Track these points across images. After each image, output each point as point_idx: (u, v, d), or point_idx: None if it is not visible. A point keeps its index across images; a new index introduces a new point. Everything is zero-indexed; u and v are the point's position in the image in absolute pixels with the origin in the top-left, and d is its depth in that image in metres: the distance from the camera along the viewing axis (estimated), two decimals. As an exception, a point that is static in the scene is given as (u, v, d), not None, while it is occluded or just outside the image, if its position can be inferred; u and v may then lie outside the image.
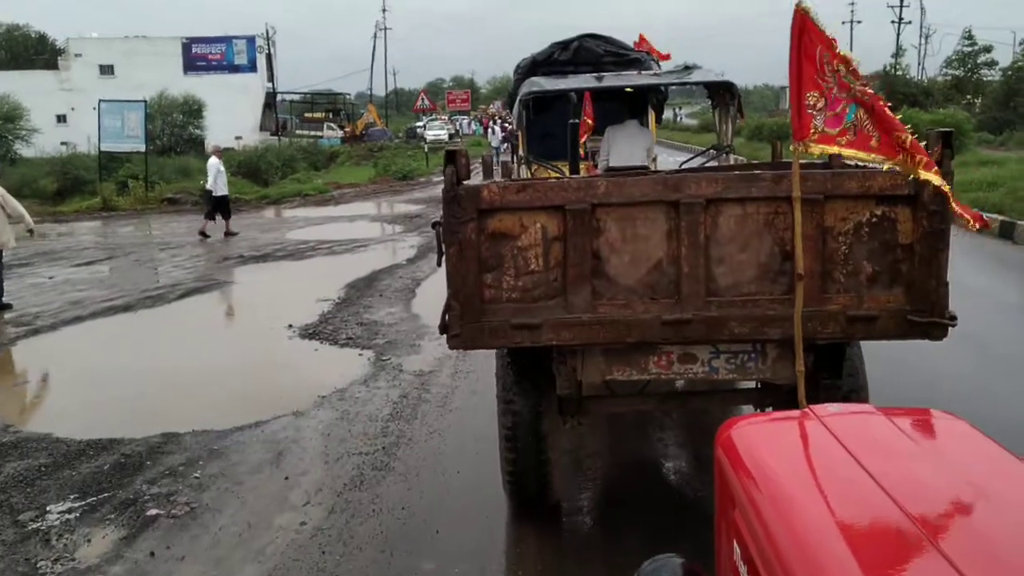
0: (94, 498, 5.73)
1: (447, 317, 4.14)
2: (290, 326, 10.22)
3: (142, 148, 26.96)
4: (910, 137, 3.39)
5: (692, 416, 6.72)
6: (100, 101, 27.80)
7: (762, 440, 2.40)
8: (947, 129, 3.91)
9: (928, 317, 3.93)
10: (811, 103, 3.64)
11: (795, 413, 2.58)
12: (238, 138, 44.84)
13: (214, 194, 18.61)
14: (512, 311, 4.09)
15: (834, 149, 3.63)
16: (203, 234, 18.40)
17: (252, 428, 6.92)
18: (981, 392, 6.86)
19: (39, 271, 14.98)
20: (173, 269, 14.92)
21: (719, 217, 3.98)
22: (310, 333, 9.98)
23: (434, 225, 4.35)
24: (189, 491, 5.77)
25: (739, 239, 4.00)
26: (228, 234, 18.66)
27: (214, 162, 19.02)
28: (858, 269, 3.98)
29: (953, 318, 3.95)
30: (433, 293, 11.44)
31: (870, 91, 3.51)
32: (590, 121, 8.47)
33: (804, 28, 3.62)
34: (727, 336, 4.07)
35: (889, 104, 3.56)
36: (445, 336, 4.21)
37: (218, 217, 18.86)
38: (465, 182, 4.09)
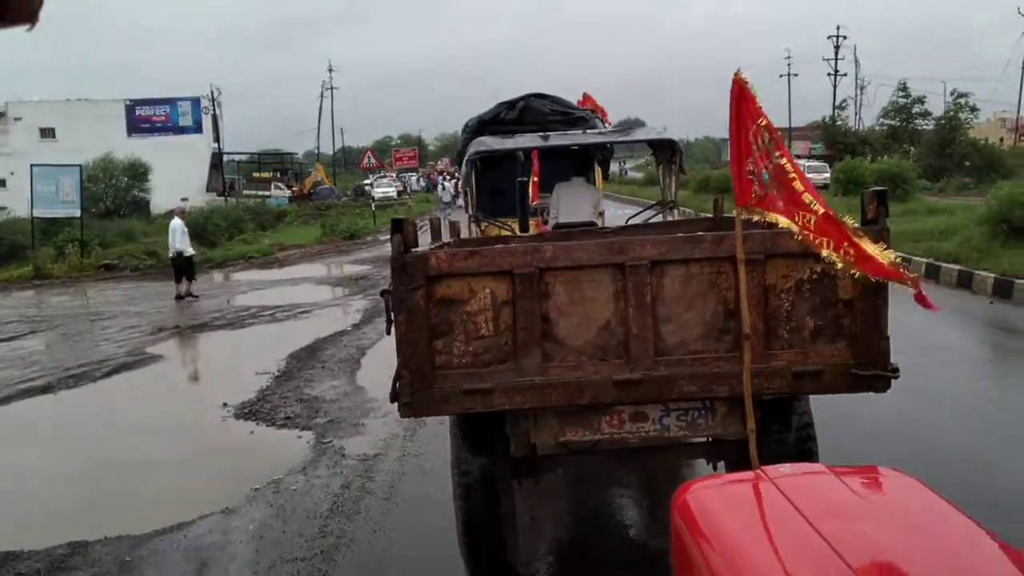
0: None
1: (398, 385, 4.08)
2: (225, 405, 9.46)
3: (77, 213, 26.05)
4: (815, 217, 3.33)
5: (649, 471, 6.51)
6: (32, 166, 26.96)
7: (717, 504, 2.45)
8: (880, 188, 4.04)
9: (871, 370, 3.98)
10: (750, 168, 3.70)
11: (748, 475, 2.64)
12: (184, 199, 44.12)
13: (183, 255, 18.23)
14: (463, 376, 4.07)
15: (773, 217, 3.62)
16: (180, 297, 18.08)
17: (174, 532, 6.15)
18: (955, 452, 6.40)
19: (-44, 349, 14.00)
20: (103, 343, 14.02)
21: (664, 278, 4.05)
22: (246, 413, 9.23)
23: (383, 293, 4.30)
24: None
25: (684, 299, 4.06)
26: (187, 295, 18.19)
27: (178, 223, 18.58)
28: (801, 325, 4.04)
29: (896, 370, 4.00)
30: (379, 362, 10.82)
31: (788, 167, 3.48)
32: (536, 179, 8.53)
33: (742, 97, 3.69)
34: (677, 394, 4.11)
35: (798, 188, 3.47)
36: (396, 405, 4.14)
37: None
38: (413, 249, 4.11)
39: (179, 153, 52.69)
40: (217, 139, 58.05)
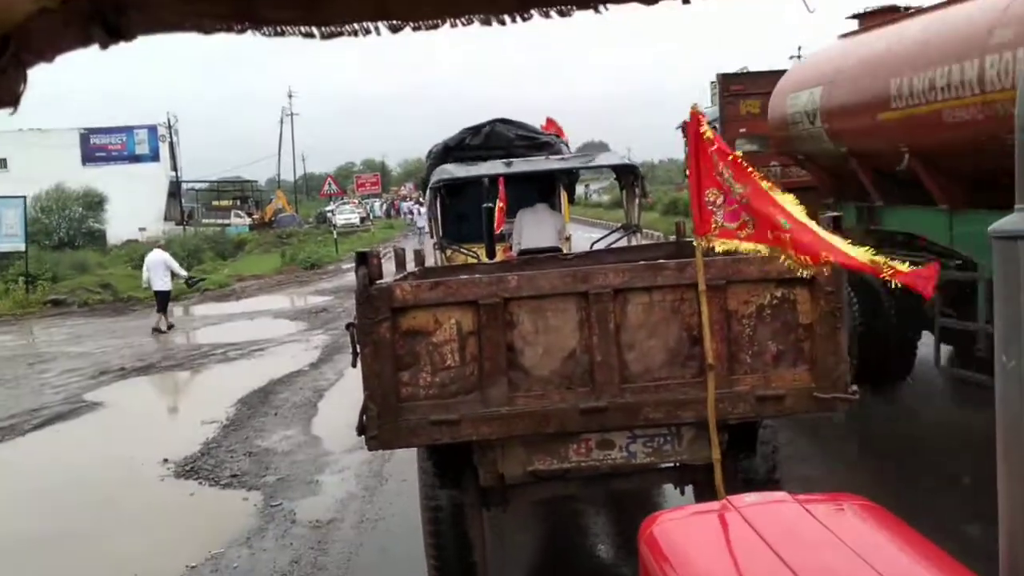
0: None
1: (364, 418, 4.07)
2: (165, 461, 8.56)
3: (22, 247, 24.84)
4: (789, 236, 3.38)
5: (617, 496, 6.32)
6: (-27, 200, 25.69)
7: (684, 535, 2.53)
8: (836, 214, 4.22)
9: (832, 393, 4.05)
10: (710, 199, 3.73)
11: (714, 505, 2.69)
12: (142, 229, 43.49)
13: (153, 288, 17.74)
14: (430, 408, 4.09)
15: (734, 244, 3.68)
16: (160, 328, 17.59)
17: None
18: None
19: None
20: (40, 388, 12.95)
21: (628, 305, 4.10)
22: (187, 470, 8.33)
23: (348, 326, 4.41)
24: None
25: (648, 326, 4.12)
26: (157, 329, 17.65)
27: (158, 257, 17.94)
28: (763, 350, 4.11)
29: (855, 392, 4.08)
30: (337, 407, 10.03)
31: (757, 186, 3.54)
32: (502, 204, 8.82)
33: (699, 130, 3.72)
34: (642, 421, 4.15)
35: (775, 200, 3.53)
36: (363, 438, 4.14)
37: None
38: (378, 281, 4.13)
39: (136, 182, 51.14)
40: (175, 167, 57.06)
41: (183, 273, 18.27)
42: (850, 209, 8.93)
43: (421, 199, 27.67)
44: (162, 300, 17.89)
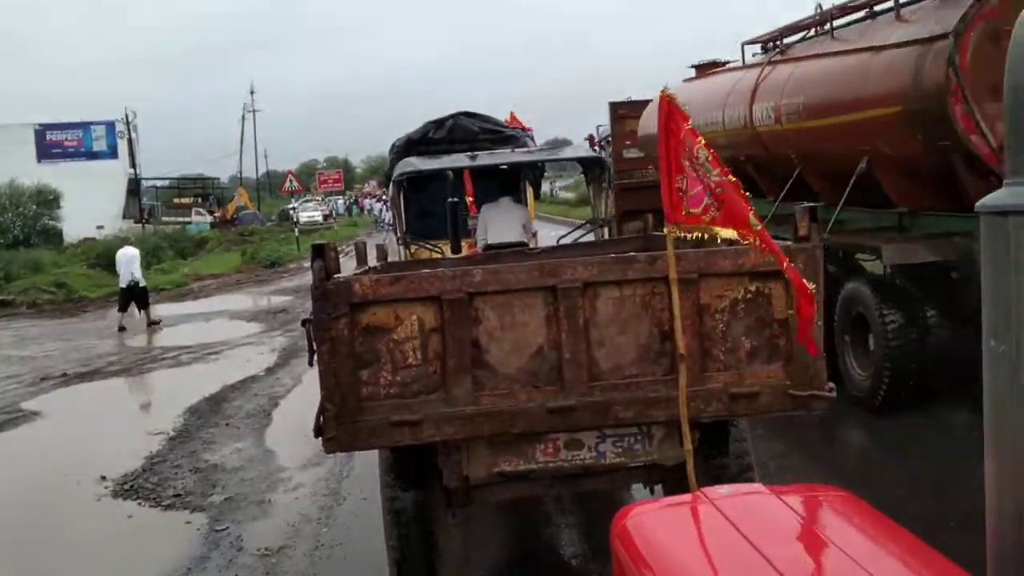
0: None
1: (321, 419, 3.93)
2: (103, 478, 7.85)
3: (-33, 245, 23.84)
4: (756, 238, 3.38)
5: (586, 495, 5.97)
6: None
7: (657, 528, 2.46)
8: (811, 204, 4.09)
9: (808, 390, 3.96)
10: (680, 186, 3.65)
11: (687, 498, 2.69)
12: (100, 227, 42.54)
13: (121, 284, 17.68)
14: (391, 408, 3.96)
15: (700, 229, 3.62)
16: (124, 328, 17.18)
17: None
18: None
19: None
20: (-25, 397, 12.12)
21: (597, 300, 3.97)
22: (126, 489, 7.62)
23: (304, 323, 4.24)
24: None
25: (618, 321, 3.99)
26: (151, 324, 17.73)
27: (130, 253, 17.87)
28: (737, 346, 4.01)
29: (832, 389, 4.01)
30: (294, 416, 9.38)
31: (729, 180, 3.48)
32: (471, 198, 8.79)
33: (670, 114, 3.65)
34: (612, 421, 4.04)
35: (747, 195, 3.55)
36: (320, 440, 4.00)
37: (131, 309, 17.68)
38: (336, 275, 4.00)
39: (93, 179, 50.27)
40: (134, 164, 55.94)
41: (139, 278, 17.86)
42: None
43: (385, 195, 27.06)
44: (141, 295, 17.78)
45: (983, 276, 1.75)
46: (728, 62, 12.27)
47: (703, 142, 3.56)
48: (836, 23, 9.03)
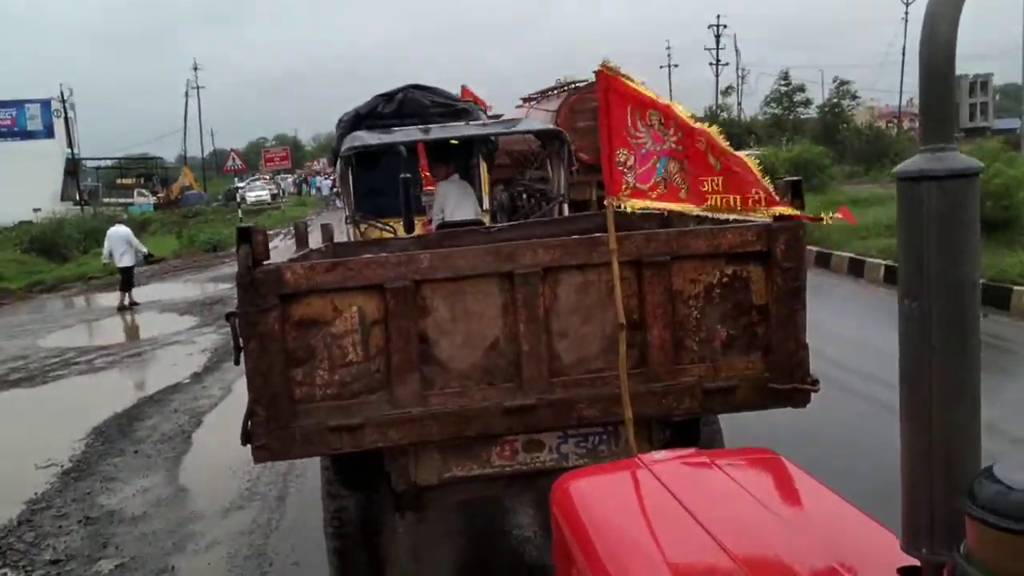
0: None
1: (250, 425, 3.58)
2: (-35, 534, 6.15)
3: None
4: (721, 178, 3.41)
5: (543, 493, 4.67)
6: None
7: (595, 493, 2.49)
8: (795, 178, 3.80)
9: (789, 383, 3.75)
10: (621, 159, 3.62)
11: (625, 463, 2.66)
12: (36, 210, 41.10)
13: (117, 264, 17.11)
14: (329, 411, 3.63)
15: (645, 203, 3.58)
16: (131, 304, 16.98)
17: None
18: None
19: None
20: None
21: (558, 287, 3.74)
22: (-8, 551, 5.94)
23: (228, 316, 3.79)
24: None
25: (582, 310, 3.75)
26: (132, 304, 17.14)
27: (120, 232, 17.31)
28: (712, 335, 3.80)
29: (815, 382, 3.79)
30: (217, 437, 7.86)
31: (699, 135, 3.42)
32: (426, 173, 8.57)
33: (610, 87, 3.61)
34: (575, 420, 3.80)
35: (726, 145, 3.46)
36: (249, 448, 3.62)
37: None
38: (266, 262, 3.59)
39: (28, 160, 48.49)
40: (71, 144, 53.68)
41: (144, 250, 17.68)
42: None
43: (334, 173, 25.45)
44: (126, 277, 17.07)
45: (899, 238, 1.72)
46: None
47: (660, 104, 3.47)
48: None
